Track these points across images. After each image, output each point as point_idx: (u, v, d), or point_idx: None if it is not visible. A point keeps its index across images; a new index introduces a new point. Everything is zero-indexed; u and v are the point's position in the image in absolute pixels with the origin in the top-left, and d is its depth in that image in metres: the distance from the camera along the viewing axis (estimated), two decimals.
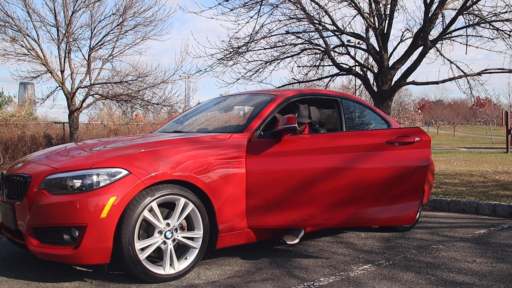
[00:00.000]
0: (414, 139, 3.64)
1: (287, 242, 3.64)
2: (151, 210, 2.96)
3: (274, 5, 8.47)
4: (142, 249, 2.92)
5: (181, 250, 3.14)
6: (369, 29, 8.53)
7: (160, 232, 3.00)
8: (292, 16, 8.50)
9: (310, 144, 3.79)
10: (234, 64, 9.17)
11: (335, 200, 3.88)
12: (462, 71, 8.75)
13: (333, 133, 3.96)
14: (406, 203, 3.60)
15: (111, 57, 13.37)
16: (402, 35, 8.98)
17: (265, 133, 3.65)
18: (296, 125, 3.47)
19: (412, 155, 3.62)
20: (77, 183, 2.84)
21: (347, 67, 9.15)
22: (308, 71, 9.64)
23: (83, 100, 13.24)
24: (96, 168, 2.89)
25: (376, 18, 8.23)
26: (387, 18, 8.09)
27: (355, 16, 8.69)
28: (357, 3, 8.15)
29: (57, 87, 13.03)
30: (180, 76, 16.55)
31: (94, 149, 3.40)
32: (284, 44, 8.93)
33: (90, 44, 13.05)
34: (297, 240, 3.66)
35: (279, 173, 3.57)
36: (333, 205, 3.93)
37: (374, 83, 8.90)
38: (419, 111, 52.30)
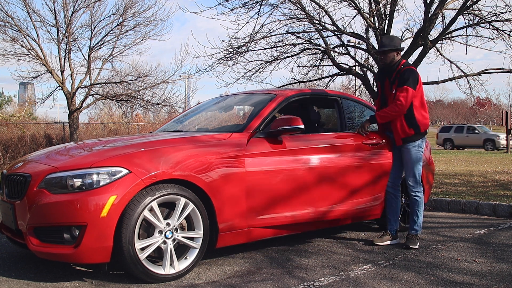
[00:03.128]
0: (381, 141, 4.33)
1: (411, 246, 3.90)
2: (151, 210, 2.95)
3: (274, 5, 8.46)
4: (142, 249, 2.92)
5: (181, 250, 3.14)
6: (369, 29, 8.51)
7: (160, 232, 3.00)
8: (292, 16, 8.48)
9: (309, 143, 3.87)
10: (234, 64, 9.14)
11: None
12: (462, 71, 8.74)
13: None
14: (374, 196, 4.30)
15: (111, 57, 13.38)
16: (402, 35, 8.96)
17: (265, 133, 3.65)
18: (302, 126, 3.57)
19: (380, 154, 4.31)
20: (77, 182, 2.84)
21: (347, 67, 9.14)
22: (308, 71, 9.62)
23: (83, 100, 13.24)
24: (96, 167, 2.88)
25: (376, 18, 8.21)
26: (387, 18, 8.08)
27: (355, 16, 8.68)
28: (357, 3, 8.13)
29: (57, 87, 13.03)
30: (180, 76, 16.56)
31: (94, 148, 3.40)
32: (284, 44, 8.92)
33: (90, 44, 13.07)
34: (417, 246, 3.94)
35: (279, 172, 3.58)
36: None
37: (374, 83, 8.88)
38: None
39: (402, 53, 8.53)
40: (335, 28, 8.51)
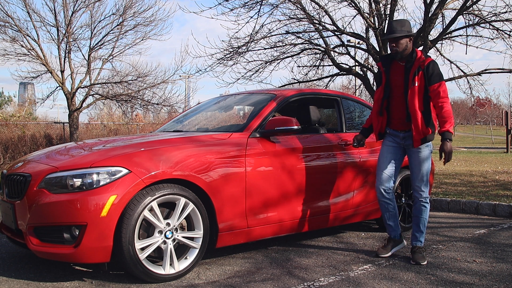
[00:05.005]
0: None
1: (421, 263, 3.43)
2: (151, 210, 2.95)
3: (274, 5, 8.47)
4: (142, 249, 2.92)
5: (181, 250, 3.14)
6: (369, 29, 8.53)
7: (160, 232, 3.00)
8: (292, 16, 8.50)
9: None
10: (234, 64, 9.16)
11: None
12: (462, 71, 8.75)
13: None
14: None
15: (111, 57, 13.39)
16: None
17: (265, 132, 3.65)
18: (299, 126, 3.53)
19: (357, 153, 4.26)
20: (77, 182, 2.84)
21: (347, 67, 9.16)
22: (308, 71, 9.64)
23: (83, 100, 13.24)
24: (96, 167, 2.88)
25: (376, 18, 8.22)
26: (387, 18, 8.08)
27: (355, 16, 8.69)
28: (357, 3, 8.14)
29: (57, 87, 13.04)
30: (180, 76, 16.58)
31: (94, 148, 3.40)
32: (284, 44, 8.93)
33: (90, 44, 13.08)
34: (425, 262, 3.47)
35: (279, 172, 3.58)
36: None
37: (374, 83, 8.90)
38: None
39: None
40: (335, 28, 8.52)
